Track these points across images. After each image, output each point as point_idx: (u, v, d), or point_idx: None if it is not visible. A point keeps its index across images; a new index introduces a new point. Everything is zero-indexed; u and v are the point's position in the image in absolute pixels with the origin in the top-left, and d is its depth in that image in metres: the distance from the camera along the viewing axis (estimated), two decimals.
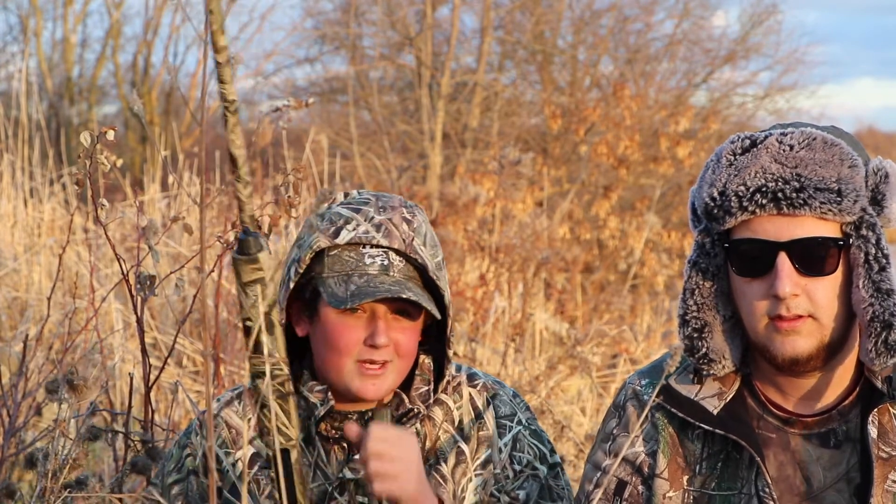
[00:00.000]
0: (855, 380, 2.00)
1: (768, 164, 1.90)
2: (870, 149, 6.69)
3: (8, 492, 2.73)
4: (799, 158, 1.89)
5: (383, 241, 2.13)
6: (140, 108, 2.27)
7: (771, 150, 1.90)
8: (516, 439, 2.23)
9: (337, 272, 2.13)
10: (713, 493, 2.03)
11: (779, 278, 1.90)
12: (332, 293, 2.11)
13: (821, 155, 1.89)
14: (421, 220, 2.19)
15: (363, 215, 2.15)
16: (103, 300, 3.53)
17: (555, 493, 2.23)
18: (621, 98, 10.15)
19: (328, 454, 2.22)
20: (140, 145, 14.96)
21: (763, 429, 2.02)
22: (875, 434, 1.97)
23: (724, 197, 1.92)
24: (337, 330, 2.13)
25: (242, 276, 1.86)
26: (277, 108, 3.44)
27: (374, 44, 13.04)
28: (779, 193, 1.89)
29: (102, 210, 2.83)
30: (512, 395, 2.28)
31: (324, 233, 2.14)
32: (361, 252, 2.13)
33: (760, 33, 14.06)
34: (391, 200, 2.19)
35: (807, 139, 1.90)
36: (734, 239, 1.95)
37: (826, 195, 1.88)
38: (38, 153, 8.20)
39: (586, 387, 5.93)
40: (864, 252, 1.91)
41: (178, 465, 2.33)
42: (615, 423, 2.13)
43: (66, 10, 16.19)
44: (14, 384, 3.10)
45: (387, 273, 2.13)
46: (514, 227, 7.97)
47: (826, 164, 1.89)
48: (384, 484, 2.01)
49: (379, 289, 2.10)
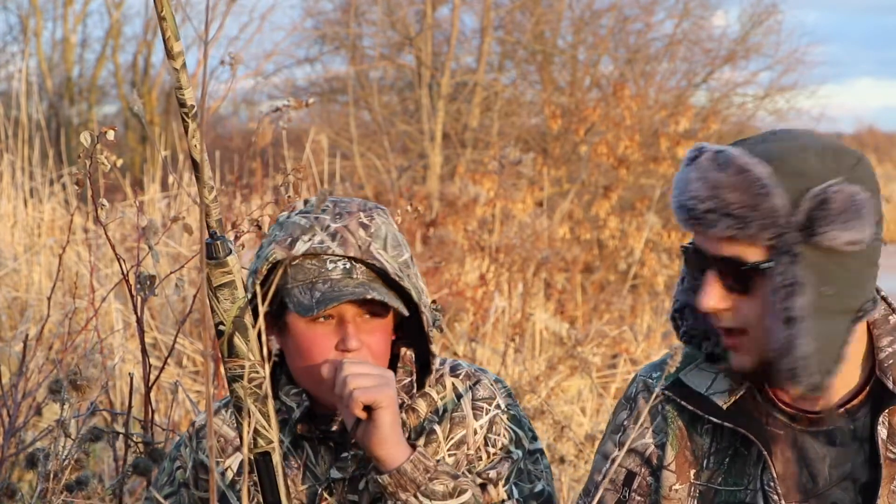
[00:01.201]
0: (865, 379, 2.00)
1: (694, 180, 1.92)
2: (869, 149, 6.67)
3: (9, 492, 2.73)
4: (715, 180, 1.90)
5: (339, 250, 2.12)
6: (140, 108, 2.27)
7: (700, 167, 1.93)
8: (492, 422, 2.23)
9: (300, 281, 2.12)
10: (720, 487, 2.04)
11: (703, 292, 1.95)
12: (297, 302, 2.10)
13: (732, 179, 1.90)
14: (380, 223, 2.17)
15: (320, 224, 2.14)
16: (103, 300, 3.54)
17: (532, 476, 2.23)
18: (621, 98, 10.15)
19: (316, 455, 2.22)
20: (140, 145, 14.96)
21: (771, 425, 2.03)
22: (885, 434, 1.97)
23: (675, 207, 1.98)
24: (307, 339, 2.13)
25: (212, 281, 1.87)
26: (277, 108, 3.45)
27: (374, 44, 13.04)
28: (693, 211, 1.92)
29: (102, 210, 2.83)
30: (493, 380, 2.28)
31: (280, 244, 2.13)
32: (323, 259, 2.13)
33: (760, 33, 14.06)
34: (349, 206, 2.17)
35: (725, 160, 1.91)
36: (684, 244, 2.01)
37: (729, 220, 1.89)
38: (38, 153, 8.20)
39: (586, 387, 5.94)
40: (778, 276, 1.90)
41: (169, 479, 2.34)
42: (626, 414, 2.15)
43: (66, 10, 16.20)
44: (14, 384, 3.10)
45: (350, 276, 2.12)
46: (514, 227, 7.97)
47: (734, 188, 1.89)
48: (364, 392, 2.02)
49: (343, 292, 2.09)
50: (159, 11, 1.65)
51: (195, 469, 2.31)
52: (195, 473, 2.31)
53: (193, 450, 2.32)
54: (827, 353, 1.91)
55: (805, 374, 1.90)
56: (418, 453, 2.06)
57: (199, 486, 2.31)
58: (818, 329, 1.89)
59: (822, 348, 1.90)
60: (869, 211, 1.88)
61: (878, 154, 25.29)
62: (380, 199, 9.83)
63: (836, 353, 1.92)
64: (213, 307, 1.90)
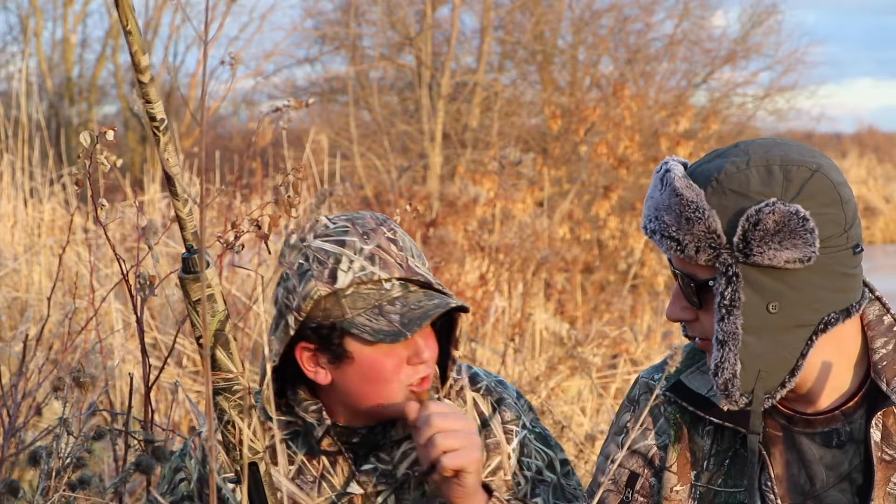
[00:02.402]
0: (861, 381, 2.00)
1: (650, 200, 1.96)
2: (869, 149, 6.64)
3: (11, 489, 2.73)
4: (656, 202, 1.94)
5: (383, 273, 2.09)
6: (140, 108, 2.27)
7: (653, 185, 1.96)
8: (523, 444, 2.23)
9: (361, 308, 2.08)
10: (720, 489, 2.05)
11: (670, 301, 1.99)
12: (375, 330, 2.07)
13: (668, 201, 1.92)
14: (401, 234, 2.15)
15: (350, 248, 2.10)
16: (103, 300, 3.53)
17: (567, 492, 2.24)
18: (621, 98, 10.15)
19: (334, 466, 2.20)
20: (140, 145, 14.96)
21: (770, 427, 2.03)
22: (878, 437, 1.97)
23: None
24: (377, 362, 2.09)
25: (191, 295, 1.86)
26: (277, 108, 3.44)
27: (374, 44, 13.04)
28: (646, 229, 1.96)
29: (102, 210, 2.83)
30: (516, 396, 2.27)
31: (318, 279, 2.08)
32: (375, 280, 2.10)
33: (760, 33, 14.08)
34: (366, 221, 2.14)
35: (666, 182, 1.93)
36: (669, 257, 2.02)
37: (667, 241, 1.93)
38: (38, 153, 8.20)
39: (586, 387, 5.93)
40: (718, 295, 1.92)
41: (170, 487, 2.30)
42: (628, 416, 2.15)
43: (66, 10, 16.20)
44: (14, 384, 3.10)
45: (408, 289, 2.11)
46: (514, 227, 7.97)
47: (669, 210, 1.92)
48: (454, 458, 2.00)
49: (425, 307, 2.08)
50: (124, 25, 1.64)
51: (200, 482, 2.27)
52: (200, 487, 2.27)
53: (199, 461, 2.28)
54: (776, 367, 1.93)
55: (735, 393, 1.93)
56: (495, 498, 2.06)
57: (203, 498, 2.27)
58: (763, 347, 1.91)
59: (769, 364, 1.92)
60: (809, 228, 1.87)
61: (878, 154, 25.27)
62: (380, 198, 9.83)
63: (788, 366, 1.93)
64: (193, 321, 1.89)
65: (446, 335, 2.21)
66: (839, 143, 26.73)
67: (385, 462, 2.18)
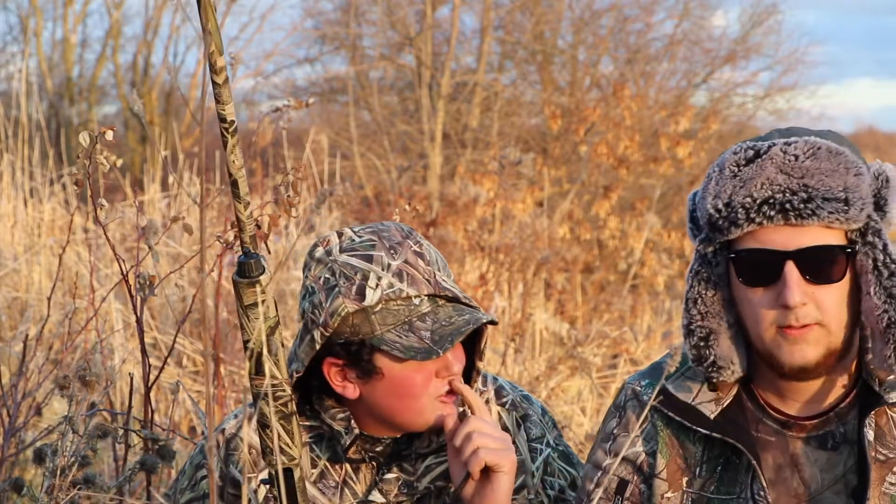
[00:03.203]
0: (853, 382, 2.00)
1: (774, 174, 1.89)
2: (869, 149, 6.68)
3: (15, 486, 2.73)
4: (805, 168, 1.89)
5: (411, 290, 2.07)
6: (140, 108, 2.27)
7: (776, 161, 1.90)
8: (547, 462, 2.22)
9: (391, 324, 2.07)
10: (712, 496, 2.03)
11: (788, 288, 1.90)
12: (406, 347, 2.06)
13: (826, 164, 1.89)
14: (427, 246, 2.13)
15: (378, 264, 2.08)
16: (103, 300, 3.53)
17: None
18: (621, 98, 10.15)
19: (357, 473, 2.19)
20: (140, 145, 14.96)
21: (762, 432, 2.02)
22: (872, 436, 1.97)
23: (729, 208, 1.91)
24: (409, 378, 2.08)
25: (244, 299, 1.84)
26: (277, 108, 3.45)
27: (374, 44, 13.04)
28: (786, 204, 1.88)
29: (102, 210, 2.83)
30: (541, 413, 2.26)
31: (346, 296, 2.06)
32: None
33: (760, 33, 14.07)
34: (392, 234, 2.12)
35: (811, 148, 1.90)
36: (740, 249, 1.94)
37: (833, 205, 1.88)
38: (38, 153, 8.20)
39: (586, 387, 5.93)
40: (871, 258, 1.91)
41: (191, 484, 2.28)
42: (615, 423, 2.13)
43: (66, 10, 16.20)
44: (14, 384, 3.10)
45: (437, 305, 2.09)
46: (514, 227, 7.97)
47: (832, 173, 1.89)
48: (491, 454, 2.01)
49: (456, 324, 2.07)
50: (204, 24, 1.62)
51: (222, 480, 2.25)
52: (222, 486, 2.25)
53: (222, 460, 2.26)
54: None
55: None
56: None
57: (225, 498, 2.26)
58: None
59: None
60: None
61: (878, 154, 25.22)
62: (380, 199, 9.83)
63: None
64: (243, 325, 1.87)
65: (471, 345, 2.19)
66: None
67: (408, 472, 2.18)
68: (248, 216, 1.77)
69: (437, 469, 2.16)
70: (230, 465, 2.25)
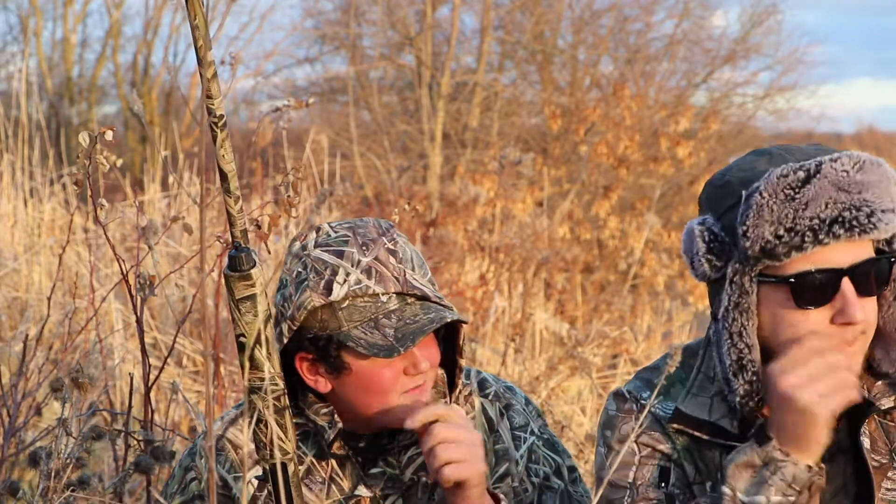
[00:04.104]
0: None
1: (835, 193, 1.86)
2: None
3: (11, 489, 2.73)
4: (860, 183, 1.87)
5: (378, 288, 2.07)
6: (140, 108, 2.27)
7: (831, 178, 1.87)
8: (531, 450, 2.22)
9: (357, 321, 2.08)
10: None
11: (850, 305, 1.88)
12: (370, 344, 2.06)
13: (873, 176, 1.88)
14: (402, 244, 2.13)
15: (348, 260, 2.09)
16: (103, 300, 3.53)
17: (574, 499, 2.23)
18: (621, 98, 10.15)
19: (342, 469, 2.20)
20: (140, 145, 14.96)
21: None
22: (868, 444, 1.97)
23: (793, 233, 1.87)
24: (377, 374, 2.08)
25: (235, 293, 1.84)
26: (277, 108, 3.45)
27: (374, 44, 13.04)
28: (853, 221, 1.86)
29: (102, 210, 2.83)
30: (524, 402, 2.26)
31: (314, 290, 2.08)
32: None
33: (760, 33, 14.08)
34: (368, 231, 2.13)
35: (857, 163, 1.88)
36: (795, 273, 1.90)
37: (888, 216, 1.87)
38: (38, 153, 8.20)
39: (586, 387, 5.93)
40: None
41: (181, 487, 2.30)
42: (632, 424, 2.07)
43: (66, 10, 16.20)
44: (14, 384, 3.10)
45: (406, 302, 2.09)
46: (514, 227, 7.97)
47: (879, 184, 1.88)
48: (456, 470, 1.99)
49: (420, 322, 2.07)
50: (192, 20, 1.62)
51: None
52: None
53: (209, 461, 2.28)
54: None
55: None
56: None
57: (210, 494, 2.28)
58: None
59: None
60: None
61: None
62: (380, 198, 9.83)
63: None
64: (235, 319, 1.87)
65: (452, 343, 2.19)
66: (839, 143, 26.73)
67: (393, 466, 2.18)
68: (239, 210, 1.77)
69: (420, 459, 2.16)
70: (218, 466, 2.26)
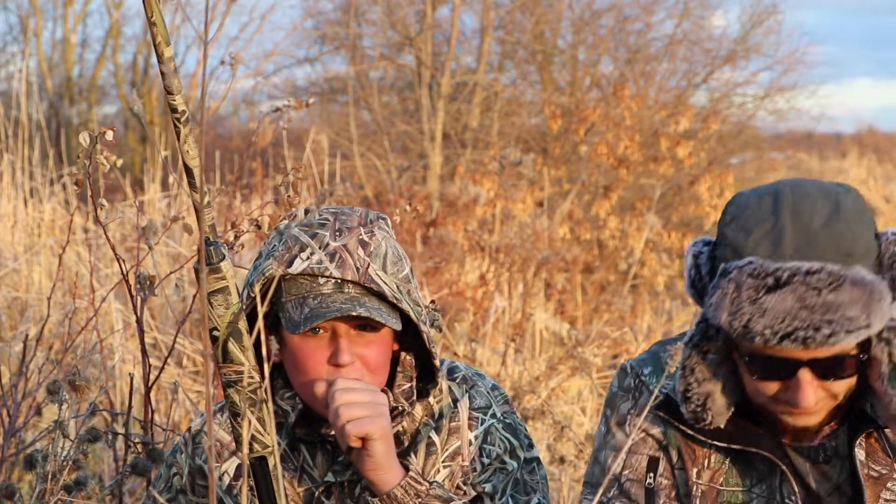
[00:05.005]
0: (847, 410, 2.03)
1: (797, 310, 1.82)
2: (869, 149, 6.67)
3: (7, 492, 2.73)
4: (828, 304, 1.81)
5: (336, 272, 2.09)
6: (140, 108, 2.27)
7: (798, 294, 1.82)
8: (488, 432, 2.21)
9: (294, 296, 2.10)
10: (721, 487, 2.05)
11: (802, 392, 1.89)
12: (288, 318, 2.09)
13: (848, 296, 1.82)
14: (380, 239, 2.14)
15: (318, 241, 2.11)
16: (103, 300, 3.53)
17: (528, 486, 2.21)
18: (621, 98, 10.15)
19: (313, 457, 2.21)
20: (140, 145, 14.96)
21: (764, 438, 2.04)
22: (863, 456, 2.00)
23: (747, 330, 1.85)
24: (302, 353, 2.11)
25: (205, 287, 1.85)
26: (277, 108, 3.44)
27: (374, 44, 13.03)
28: (808, 339, 1.83)
29: (102, 210, 2.83)
30: (490, 387, 2.26)
31: (277, 259, 2.10)
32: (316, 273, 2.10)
33: (760, 33, 14.06)
34: (350, 220, 2.14)
35: (834, 282, 1.82)
36: (754, 354, 1.90)
37: (858, 333, 1.83)
38: (38, 153, 8.20)
39: (587, 387, 5.93)
40: (887, 353, 1.89)
41: (167, 485, 2.33)
42: (630, 405, 2.11)
43: (66, 10, 16.19)
44: (14, 384, 3.10)
45: (341, 291, 2.10)
46: (514, 227, 7.97)
47: (854, 304, 1.82)
48: (357, 426, 2.02)
49: (331, 308, 2.07)
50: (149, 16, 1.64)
51: (192, 475, 2.30)
52: (192, 479, 2.30)
53: (189, 455, 2.31)
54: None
55: None
56: (410, 478, 2.05)
57: (196, 491, 2.30)
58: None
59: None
60: None
61: (878, 154, 25.24)
62: (380, 198, 9.83)
63: None
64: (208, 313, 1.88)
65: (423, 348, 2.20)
66: (839, 143, 26.70)
67: None
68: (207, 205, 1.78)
69: None
70: (196, 457, 2.30)
